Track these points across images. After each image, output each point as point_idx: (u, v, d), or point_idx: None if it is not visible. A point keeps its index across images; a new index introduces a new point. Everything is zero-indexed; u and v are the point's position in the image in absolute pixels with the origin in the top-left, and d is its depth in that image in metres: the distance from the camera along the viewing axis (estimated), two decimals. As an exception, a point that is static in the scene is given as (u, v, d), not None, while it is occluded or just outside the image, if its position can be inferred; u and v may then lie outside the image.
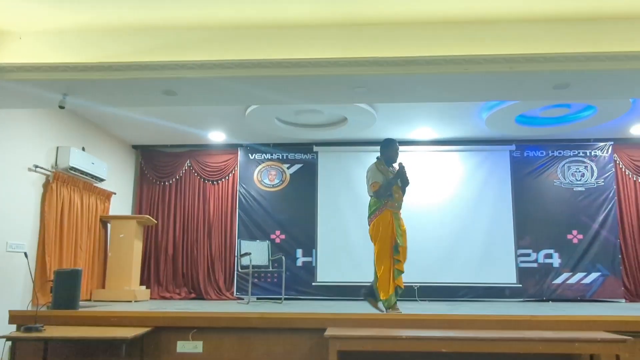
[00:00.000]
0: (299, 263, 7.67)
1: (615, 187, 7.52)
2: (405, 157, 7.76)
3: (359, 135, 7.35)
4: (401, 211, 4.80)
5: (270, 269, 7.02)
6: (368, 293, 4.80)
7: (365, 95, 4.53)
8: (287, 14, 3.89)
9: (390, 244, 4.59)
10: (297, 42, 3.96)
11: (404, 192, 4.83)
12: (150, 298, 7.21)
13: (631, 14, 3.80)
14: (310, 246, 7.69)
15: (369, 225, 4.74)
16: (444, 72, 3.93)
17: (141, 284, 7.22)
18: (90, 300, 6.45)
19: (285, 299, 6.78)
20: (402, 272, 4.61)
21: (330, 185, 7.80)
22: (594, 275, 7.29)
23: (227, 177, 8.04)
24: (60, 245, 5.91)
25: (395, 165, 4.84)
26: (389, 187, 4.67)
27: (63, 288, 4.36)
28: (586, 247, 7.37)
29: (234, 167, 8.03)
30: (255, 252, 6.61)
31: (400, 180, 4.73)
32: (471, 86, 4.30)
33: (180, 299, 7.51)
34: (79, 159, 6.18)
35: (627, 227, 7.46)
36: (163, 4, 3.78)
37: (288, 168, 7.98)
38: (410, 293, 7.06)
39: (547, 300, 7.22)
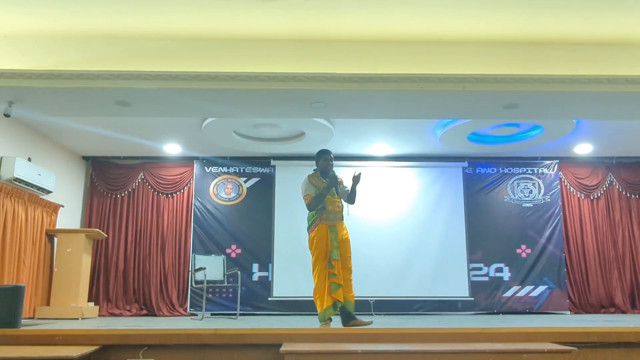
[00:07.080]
0: (255, 278, 7.58)
1: (560, 203, 7.86)
2: (362, 172, 7.93)
3: (316, 150, 7.32)
4: (343, 221, 4.68)
5: (226, 284, 6.89)
6: (346, 319, 4.53)
7: (323, 110, 4.58)
8: (246, 28, 3.89)
9: (324, 257, 4.49)
10: (255, 56, 3.96)
11: (352, 201, 4.75)
12: (99, 315, 6.93)
13: (574, 40, 4.04)
14: (266, 261, 7.62)
15: (308, 237, 4.67)
16: (400, 89, 4.03)
17: (89, 300, 6.93)
18: (33, 318, 6.13)
19: (241, 314, 6.66)
20: (340, 285, 4.44)
21: (287, 199, 7.76)
22: (541, 288, 7.55)
23: (182, 190, 7.89)
24: (2, 259, 5.62)
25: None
26: (320, 198, 4.56)
27: (3, 305, 4.13)
28: (534, 261, 7.64)
29: (190, 180, 7.89)
30: (210, 267, 6.48)
31: (335, 190, 4.60)
32: (426, 104, 4.41)
33: (130, 315, 7.25)
34: (24, 170, 5.92)
35: (572, 242, 7.80)
36: (118, 12, 3.70)
37: (245, 182, 7.91)
38: (366, 307, 7.10)
39: (498, 313, 7.41)
